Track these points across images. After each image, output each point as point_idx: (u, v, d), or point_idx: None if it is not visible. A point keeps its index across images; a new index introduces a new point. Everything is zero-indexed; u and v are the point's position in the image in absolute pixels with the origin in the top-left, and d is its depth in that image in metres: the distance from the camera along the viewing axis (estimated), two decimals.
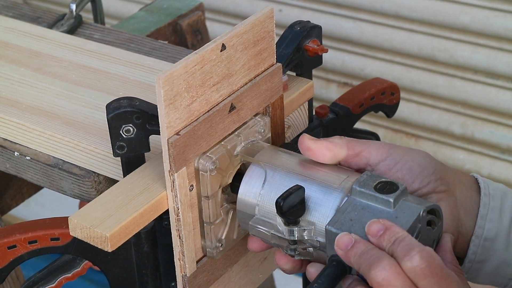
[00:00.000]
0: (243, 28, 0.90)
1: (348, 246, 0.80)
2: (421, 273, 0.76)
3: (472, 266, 0.90)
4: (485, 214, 0.89)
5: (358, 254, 0.79)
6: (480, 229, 0.89)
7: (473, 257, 0.89)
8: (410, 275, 0.77)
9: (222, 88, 0.89)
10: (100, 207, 0.87)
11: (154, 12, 1.48)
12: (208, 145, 0.88)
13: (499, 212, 0.89)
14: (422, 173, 0.87)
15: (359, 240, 0.80)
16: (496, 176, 2.05)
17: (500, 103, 2.00)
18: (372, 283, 0.78)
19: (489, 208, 0.89)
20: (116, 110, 0.89)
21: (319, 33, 1.05)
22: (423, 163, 0.88)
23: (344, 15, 2.13)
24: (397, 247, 0.78)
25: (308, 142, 0.89)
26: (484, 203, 0.89)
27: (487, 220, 0.89)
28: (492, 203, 0.90)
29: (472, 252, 0.89)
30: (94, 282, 2.31)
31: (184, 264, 0.91)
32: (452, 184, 0.89)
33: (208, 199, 0.89)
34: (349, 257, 0.80)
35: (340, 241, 0.81)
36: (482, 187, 0.90)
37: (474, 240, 0.89)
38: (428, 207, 0.82)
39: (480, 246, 0.89)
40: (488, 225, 0.89)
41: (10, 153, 1.04)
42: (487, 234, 0.89)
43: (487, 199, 0.90)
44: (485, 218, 0.89)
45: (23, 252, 0.91)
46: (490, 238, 0.89)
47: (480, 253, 0.89)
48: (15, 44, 1.22)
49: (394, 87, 1.17)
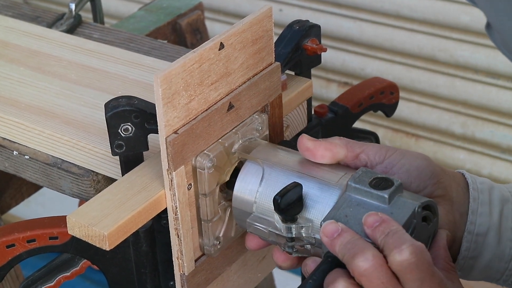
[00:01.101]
0: (241, 27, 0.90)
1: (334, 234, 0.80)
2: (408, 267, 0.77)
3: (465, 262, 0.90)
4: (476, 209, 0.89)
5: (344, 243, 0.79)
6: (472, 224, 0.89)
7: (466, 254, 0.89)
8: (397, 269, 0.77)
9: (221, 87, 0.89)
10: (98, 205, 0.87)
11: (154, 12, 1.48)
12: (206, 144, 0.89)
13: (489, 205, 0.89)
14: (419, 176, 0.87)
15: (345, 230, 0.81)
16: (497, 175, 2.05)
17: (500, 103, 2.00)
18: (354, 273, 0.78)
19: (479, 202, 0.89)
20: (114, 109, 0.89)
21: (318, 32, 1.05)
22: (421, 166, 0.88)
23: (345, 15, 2.13)
24: (389, 239, 0.78)
25: (307, 142, 0.89)
26: (474, 198, 0.89)
27: (478, 214, 0.89)
28: (481, 197, 0.89)
29: (465, 249, 0.89)
30: (92, 281, 2.31)
31: (183, 263, 0.91)
32: (449, 186, 0.89)
33: (206, 196, 0.89)
34: (334, 245, 0.80)
35: (326, 229, 0.81)
36: (470, 182, 0.90)
37: (467, 236, 0.89)
38: (423, 203, 0.82)
39: (473, 242, 0.89)
40: (479, 220, 0.89)
41: (9, 152, 1.04)
42: (478, 229, 0.89)
43: (476, 193, 0.90)
44: (476, 213, 0.89)
45: (21, 251, 0.91)
46: (482, 233, 0.89)
47: (473, 249, 0.89)
48: (15, 44, 1.22)
49: (393, 86, 1.17)
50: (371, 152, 0.88)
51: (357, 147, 0.89)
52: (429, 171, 0.88)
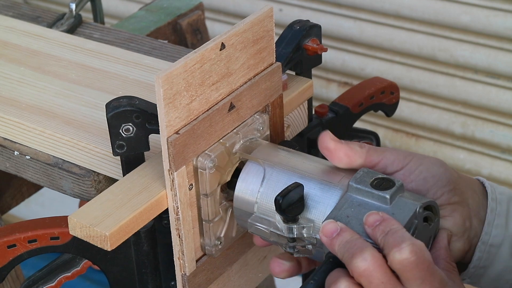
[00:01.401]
0: (242, 27, 0.90)
1: (333, 234, 0.80)
2: (408, 266, 0.76)
3: (476, 271, 0.89)
4: (492, 220, 0.88)
5: (343, 243, 0.79)
6: (486, 235, 0.88)
7: (478, 263, 0.88)
8: (397, 267, 0.77)
9: (222, 87, 0.89)
10: (99, 206, 0.87)
11: (154, 12, 1.48)
12: (207, 144, 0.88)
13: (505, 217, 0.88)
14: (436, 184, 0.86)
15: (345, 229, 0.80)
16: (497, 175, 2.05)
17: (500, 103, 2.00)
18: (353, 273, 0.78)
19: (496, 213, 0.88)
20: (115, 109, 0.89)
21: (319, 32, 1.05)
22: (437, 173, 0.87)
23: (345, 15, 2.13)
24: (389, 237, 0.78)
25: (329, 142, 0.87)
26: (492, 208, 0.88)
27: (493, 226, 0.88)
28: (498, 208, 0.88)
29: (478, 258, 0.88)
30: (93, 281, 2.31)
31: (184, 263, 0.91)
32: (465, 193, 0.88)
33: (207, 197, 0.89)
34: (334, 245, 0.80)
35: (326, 228, 0.81)
36: (489, 192, 0.89)
37: (480, 246, 0.88)
38: (424, 203, 0.82)
39: (486, 252, 0.88)
40: (494, 231, 0.88)
41: (10, 153, 1.04)
42: (493, 240, 0.88)
43: (494, 204, 0.88)
44: (492, 224, 0.88)
45: (22, 251, 0.91)
46: (496, 245, 0.88)
47: (485, 259, 0.88)
48: (15, 43, 1.22)
49: (394, 86, 1.17)
50: (389, 161, 0.87)
51: (376, 156, 0.87)
52: (445, 178, 0.87)
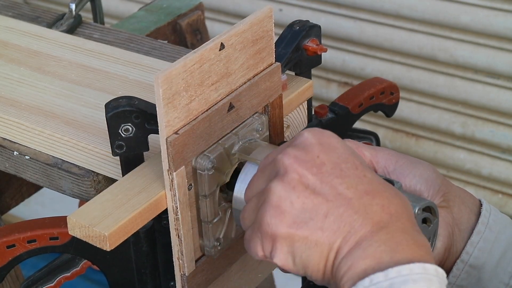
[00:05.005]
0: (242, 27, 0.90)
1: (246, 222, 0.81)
2: (308, 143, 0.78)
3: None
4: (476, 242, 0.87)
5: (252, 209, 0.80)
6: (467, 255, 0.86)
7: (454, 280, 0.87)
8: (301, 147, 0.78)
9: (221, 87, 0.89)
10: (99, 206, 0.87)
11: (154, 12, 1.48)
12: (207, 144, 0.88)
13: (492, 243, 0.87)
14: (428, 189, 0.86)
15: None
16: (497, 175, 2.05)
17: (500, 103, 2.00)
18: (269, 201, 0.77)
19: (482, 237, 0.87)
20: (115, 109, 0.89)
21: (318, 33, 1.05)
22: (430, 178, 0.86)
23: (344, 15, 2.13)
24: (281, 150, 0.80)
25: None
26: (478, 231, 0.87)
27: (476, 248, 0.86)
28: (487, 233, 0.87)
29: (454, 275, 0.87)
30: (93, 282, 2.31)
31: (183, 263, 0.91)
32: (452, 201, 0.87)
33: (206, 198, 0.89)
34: (244, 219, 0.81)
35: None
36: (482, 215, 0.88)
37: (459, 263, 0.87)
38: (423, 205, 0.82)
39: (464, 271, 0.86)
40: (476, 253, 0.86)
41: (9, 153, 1.04)
42: (473, 262, 0.86)
43: (483, 227, 0.87)
44: (474, 246, 0.86)
45: (22, 252, 0.91)
46: (477, 266, 0.87)
47: (462, 278, 0.87)
48: (15, 44, 1.22)
49: (394, 86, 1.17)
50: (380, 159, 0.87)
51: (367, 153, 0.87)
52: (437, 185, 0.87)
